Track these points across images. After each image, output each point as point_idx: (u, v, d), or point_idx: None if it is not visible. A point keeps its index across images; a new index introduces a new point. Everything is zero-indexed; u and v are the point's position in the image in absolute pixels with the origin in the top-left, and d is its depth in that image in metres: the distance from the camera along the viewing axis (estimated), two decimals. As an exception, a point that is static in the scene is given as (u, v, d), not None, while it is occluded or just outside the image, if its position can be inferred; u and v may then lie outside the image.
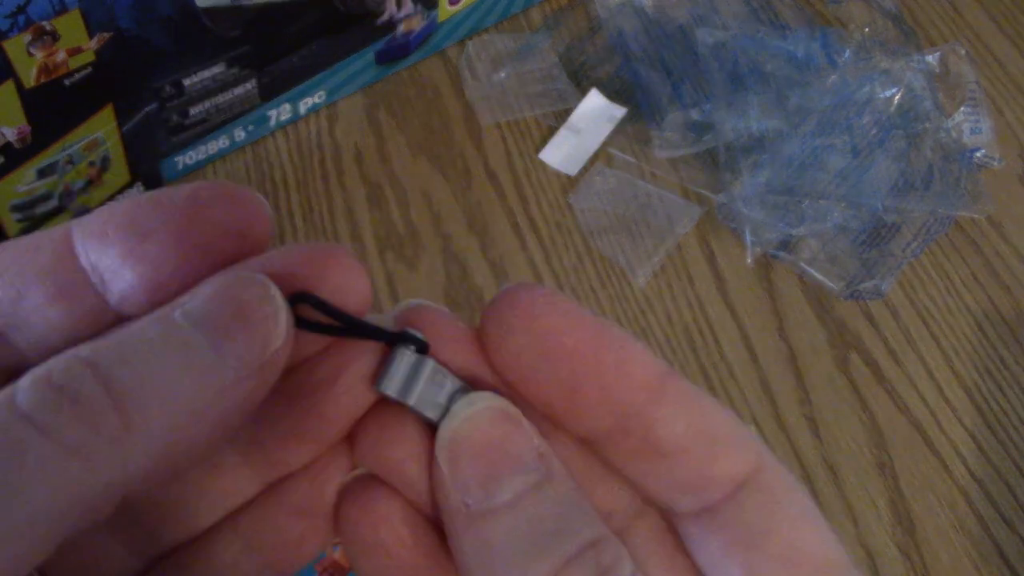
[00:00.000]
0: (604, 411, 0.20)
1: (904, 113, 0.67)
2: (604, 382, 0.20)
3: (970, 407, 0.60)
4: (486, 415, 0.20)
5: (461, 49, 0.73)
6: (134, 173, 0.62)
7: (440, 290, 0.62)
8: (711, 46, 0.68)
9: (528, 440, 0.19)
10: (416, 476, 0.20)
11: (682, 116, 0.68)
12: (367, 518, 0.20)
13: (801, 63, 0.68)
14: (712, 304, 0.63)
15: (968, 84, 0.71)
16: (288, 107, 0.67)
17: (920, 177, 0.65)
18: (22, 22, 0.48)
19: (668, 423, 0.20)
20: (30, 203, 0.57)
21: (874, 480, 0.57)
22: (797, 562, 0.20)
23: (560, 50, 0.73)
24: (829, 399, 0.60)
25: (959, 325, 0.63)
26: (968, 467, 0.58)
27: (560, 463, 0.20)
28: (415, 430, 0.20)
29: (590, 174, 0.67)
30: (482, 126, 0.70)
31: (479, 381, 0.21)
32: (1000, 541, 0.56)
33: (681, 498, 0.21)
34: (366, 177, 0.67)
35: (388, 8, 0.67)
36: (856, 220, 0.63)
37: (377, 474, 0.21)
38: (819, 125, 0.65)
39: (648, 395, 0.20)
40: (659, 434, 0.20)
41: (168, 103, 0.60)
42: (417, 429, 0.20)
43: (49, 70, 0.51)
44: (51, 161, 0.56)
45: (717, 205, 0.65)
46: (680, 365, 0.60)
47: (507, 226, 0.65)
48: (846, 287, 0.63)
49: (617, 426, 0.20)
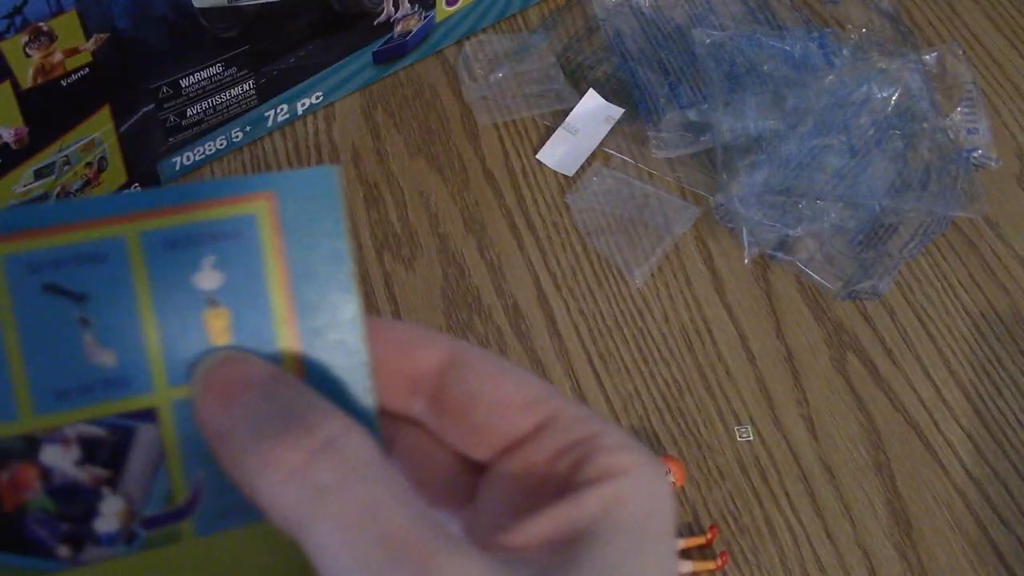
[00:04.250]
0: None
1: (901, 113, 0.67)
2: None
3: (967, 407, 0.60)
4: (217, 358, 0.24)
5: (459, 49, 0.73)
6: (131, 174, 0.62)
7: (437, 290, 0.63)
8: (708, 46, 0.68)
9: (254, 367, 0.24)
10: None
11: (679, 116, 0.68)
12: None
13: (798, 63, 0.68)
14: (709, 304, 0.63)
15: (965, 84, 0.71)
16: (285, 107, 0.67)
17: (917, 177, 0.65)
18: (19, 23, 0.48)
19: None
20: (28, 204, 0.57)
21: (871, 480, 0.57)
22: (500, 407, 0.25)
23: (558, 50, 0.73)
24: (826, 399, 0.60)
25: (956, 325, 0.63)
26: (965, 467, 0.58)
27: (293, 380, 0.24)
28: None
29: (587, 174, 0.67)
30: (479, 126, 0.70)
31: None
32: (997, 541, 0.56)
33: (408, 403, 0.26)
34: (363, 177, 0.67)
35: (385, 8, 0.67)
36: (853, 220, 0.63)
37: None
38: (816, 125, 0.65)
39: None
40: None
41: (165, 104, 0.60)
42: None
43: (46, 71, 0.51)
44: (48, 162, 0.56)
45: (714, 205, 0.65)
46: (677, 365, 0.60)
47: (504, 226, 0.65)
48: (843, 287, 0.63)
49: None
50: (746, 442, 0.58)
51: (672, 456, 0.57)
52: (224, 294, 0.24)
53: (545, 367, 0.60)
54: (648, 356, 0.61)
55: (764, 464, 0.57)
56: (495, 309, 0.62)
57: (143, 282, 0.24)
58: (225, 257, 0.24)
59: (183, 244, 0.24)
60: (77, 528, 0.24)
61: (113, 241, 0.24)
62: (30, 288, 0.23)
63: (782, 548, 0.55)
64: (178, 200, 0.24)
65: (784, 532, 0.55)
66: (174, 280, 0.24)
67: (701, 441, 0.58)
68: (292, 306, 0.25)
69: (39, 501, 0.23)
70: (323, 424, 0.22)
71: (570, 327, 0.62)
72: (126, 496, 0.24)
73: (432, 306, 0.62)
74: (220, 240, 0.24)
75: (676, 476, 0.55)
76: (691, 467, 0.57)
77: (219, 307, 0.24)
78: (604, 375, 0.60)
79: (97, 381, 0.24)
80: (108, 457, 0.24)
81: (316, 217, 0.25)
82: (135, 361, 0.24)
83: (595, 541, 0.22)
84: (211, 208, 0.24)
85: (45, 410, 0.23)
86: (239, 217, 0.24)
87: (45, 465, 0.23)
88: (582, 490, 0.23)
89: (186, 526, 0.25)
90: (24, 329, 0.23)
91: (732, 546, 0.55)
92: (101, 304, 0.24)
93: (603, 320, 0.62)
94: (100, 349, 0.24)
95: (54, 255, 0.23)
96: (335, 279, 0.25)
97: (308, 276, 0.25)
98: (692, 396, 0.59)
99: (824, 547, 0.55)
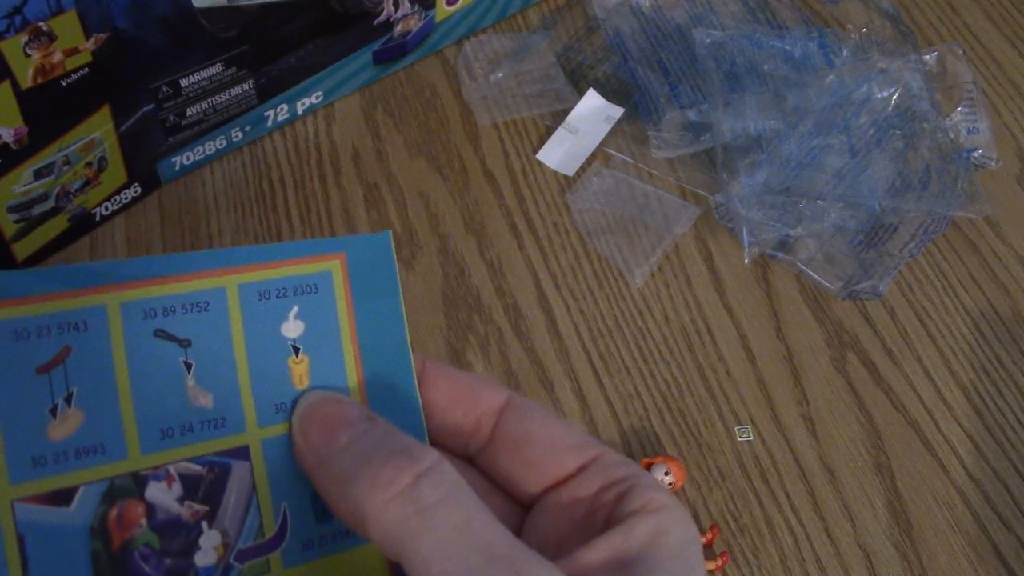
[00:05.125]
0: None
1: (901, 113, 0.67)
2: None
3: (967, 407, 0.60)
4: (317, 398, 0.27)
5: (459, 49, 0.73)
6: (131, 173, 0.62)
7: (437, 290, 0.62)
8: (708, 46, 0.68)
9: (353, 408, 0.27)
10: None
11: (680, 116, 0.68)
12: None
13: (798, 63, 0.68)
14: (709, 304, 0.63)
15: (965, 84, 0.71)
16: (285, 107, 0.67)
17: (917, 177, 0.65)
18: (19, 23, 0.48)
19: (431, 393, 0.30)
20: (27, 204, 0.57)
21: (871, 480, 0.57)
22: (553, 447, 0.29)
23: (558, 50, 0.73)
24: (826, 399, 0.60)
25: (956, 325, 0.63)
26: (965, 467, 0.58)
27: (384, 420, 0.27)
28: None
29: (587, 174, 0.67)
30: (479, 126, 0.70)
31: None
32: (997, 541, 0.56)
33: (468, 443, 0.30)
34: (363, 177, 0.67)
35: (385, 8, 0.67)
36: (853, 220, 0.63)
37: None
38: (816, 125, 0.65)
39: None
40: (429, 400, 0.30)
41: (165, 103, 0.60)
42: None
43: (46, 71, 0.51)
44: (48, 162, 0.55)
45: (714, 205, 0.65)
46: (677, 365, 0.60)
47: (504, 226, 0.65)
48: (843, 287, 0.63)
49: None
50: (746, 442, 0.58)
51: (672, 456, 0.57)
52: (304, 341, 0.27)
53: (545, 367, 0.60)
54: (648, 356, 0.61)
55: (764, 464, 0.57)
56: (495, 309, 0.62)
57: (239, 330, 0.26)
58: (306, 308, 0.27)
59: (273, 296, 0.27)
60: (179, 562, 0.25)
61: (215, 292, 0.26)
62: (143, 334, 0.25)
63: (782, 548, 0.55)
64: (269, 257, 0.27)
65: (784, 532, 0.55)
66: (265, 328, 0.27)
67: (701, 441, 0.58)
68: (358, 353, 0.28)
69: (144, 536, 0.25)
70: (424, 453, 0.25)
71: (570, 327, 0.62)
72: (222, 530, 0.26)
73: (432, 306, 0.62)
74: (302, 294, 0.27)
75: (676, 476, 0.55)
76: (691, 467, 0.57)
77: (301, 353, 0.27)
78: (604, 375, 0.60)
79: (197, 421, 0.26)
80: (207, 493, 0.26)
81: (377, 275, 0.29)
82: (230, 402, 0.26)
83: (647, 565, 0.25)
84: (295, 265, 0.27)
85: (151, 449, 0.25)
86: (318, 274, 0.28)
87: (150, 502, 0.25)
88: (630, 520, 0.26)
89: (275, 557, 0.26)
90: (135, 372, 0.25)
91: (732, 546, 0.55)
92: (203, 349, 0.26)
93: (603, 320, 0.62)
94: (201, 391, 0.26)
95: (165, 303, 0.25)
96: (394, 330, 0.29)
97: (371, 327, 0.28)
98: (692, 396, 0.59)
99: (824, 547, 0.55)
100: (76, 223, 0.61)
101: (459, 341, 0.61)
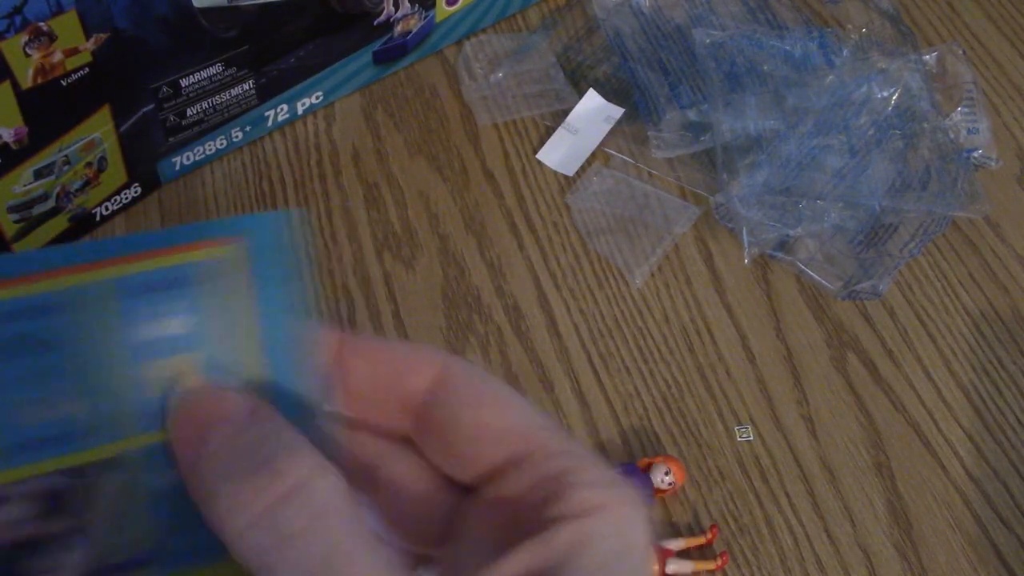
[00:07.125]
0: None
1: (901, 113, 0.67)
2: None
3: (967, 407, 0.60)
4: (193, 393, 0.24)
5: (459, 49, 0.73)
6: (131, 174, 0.62)
7: (437, 290, 0.62)
8: (708, 46, 0.68)
9: (231, 402, 0.23)
10: None
11: (680, 116, 0.68)
12: None
13: (798, 63, 0.68)
14: (709, 304, 0.63)
15: (965, 84, 0.71)
16: (285, 107, 0.67)
17: (917, 177, 0.65)
18: (19, 23, 0.48)
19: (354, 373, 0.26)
20: (27, 204, 0.57)
21: (871, 480, 0.57)
22: (478, 436, 0.24)
23: (558, 50, 0.73)
24: (826, 399, 0.60)
25: (956, 325, 0.63)
26: (965, 467, 0.58)
27: (269, 414, 0.24)
28: None
29: (587, 174, 0.67)
30: (479, 126, 0.70)
31: None
32: (997, 541, 0.56)
33: (401, 422, 0.26)
34: (363, 177, 0.67)
35: (385, 8, 0.67)
36: (853, 220, 0.63)
37: None
38: (816, 125, 0.65)
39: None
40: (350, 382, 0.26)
41: (165, 104, 0.60)
42: None
43: (46, 71, 0.51)
44: (48, 162, 0.56)
45: (714, 205, 0.65)
46: (677, 365, 0.60)
47: (504, 226, 0.65)
48: (843, 287, 0.63)
49: None
50: (746, 442, 0.58)
51: (672, 456, 0.57)
52: (196, 336, 0.24)
53: (545, 367, 0.60)
54: (648, 356, 0.61)
55: (764, 464, 0.57)
56: (495, 309, 0.62)
57: (116, 329, 0.23)
58: (198, 300, 0.24)
59: (157, 289, 0.24)
60: None
61: (89, 288, 0.23)
62: (1, 339, 0.22)
63: (782, 548, 0.55)
64: (155, 244, 0.24)
65: (784, 532, 0.55)
66: (149, 325, 0.24)
67: (701, 441, 0.58)
68: (259, 345, 0.25)
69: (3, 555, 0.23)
70: (292, 467, 0.22)
71: (570, 327, 0.62)
72: (95, 544, 0.23)
73: (432, 306, 0.62)
74: (194, 283, 0.24)
75: (676, 476, 0.55)
76: (691, 467, 0.57)
77: (192, 350, 0.24)
78: (604, 375, 0.60)
79: (62, 432, 0.23)
80: (76, 507, 0.23)
81: (278, 257, 0.25)
82: (105, 409, 0.23)
83: None
84: (187, 252, 0.24)
85: (12, 463, 0.23)
86: (213, 260, 0.24)
87: (6, 519, 0.23)
88: (551, 528, 0.22)
89: (153, 570, 0.24)
90: None
91: (732, 546, 0.55)
92: (74, 353, 0.23)
93: (603, 320, 0.62)
94: (69, 399, 0.23)
95: (28, 304, 0.23)
96: (296, 312, 0.25)
97: (274, 315, 0.25)
98: (692, 396, 0.59)
99: (824, 547, 0.55)
100: (76, 223, 0.61)
101: (459, 341, 0.61)
